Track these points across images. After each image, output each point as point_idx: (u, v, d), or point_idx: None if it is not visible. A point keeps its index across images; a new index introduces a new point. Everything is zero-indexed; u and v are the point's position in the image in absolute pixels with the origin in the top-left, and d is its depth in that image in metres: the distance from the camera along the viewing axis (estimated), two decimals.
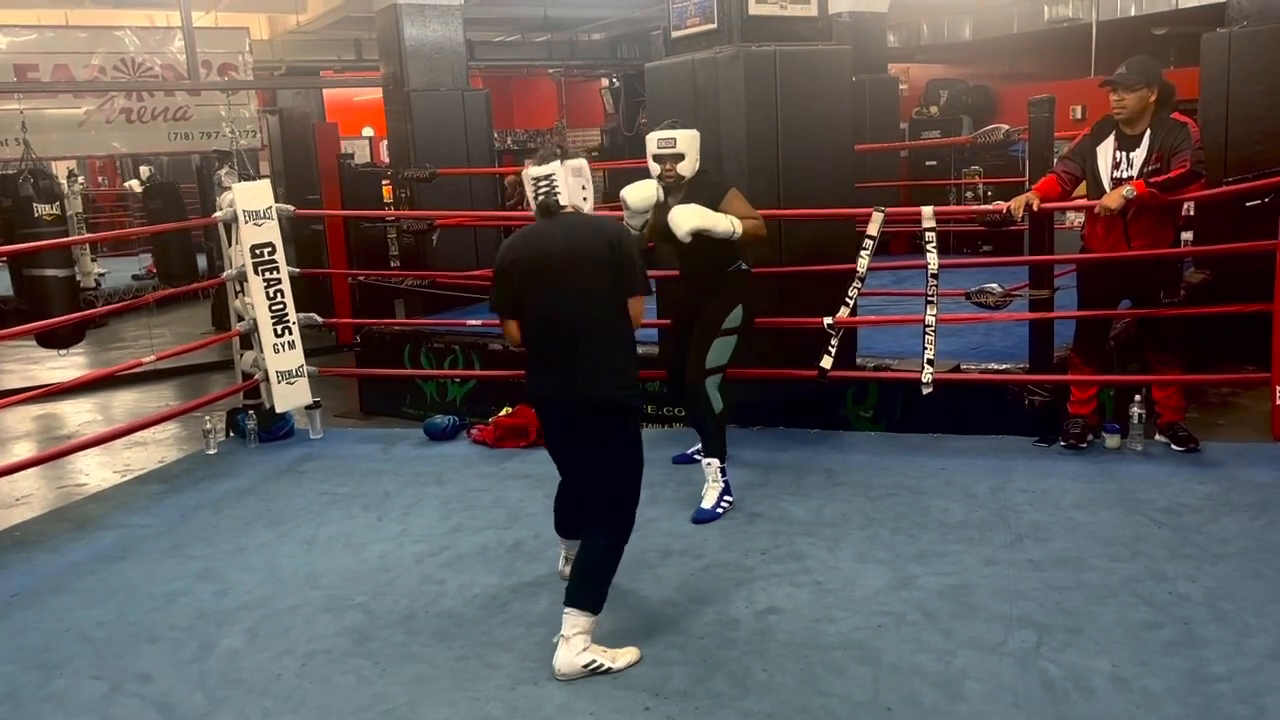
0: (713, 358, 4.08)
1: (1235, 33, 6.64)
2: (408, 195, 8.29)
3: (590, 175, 3.15)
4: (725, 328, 4.09)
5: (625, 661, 2.89)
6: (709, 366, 4.07)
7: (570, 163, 3.08)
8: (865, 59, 9.29)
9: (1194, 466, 4.19)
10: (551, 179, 3.05)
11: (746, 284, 4.19)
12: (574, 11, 11.99)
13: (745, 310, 4.13)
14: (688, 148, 4.14)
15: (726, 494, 4.04)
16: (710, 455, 4.06)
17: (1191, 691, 2.57)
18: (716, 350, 4.08)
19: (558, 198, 3.05)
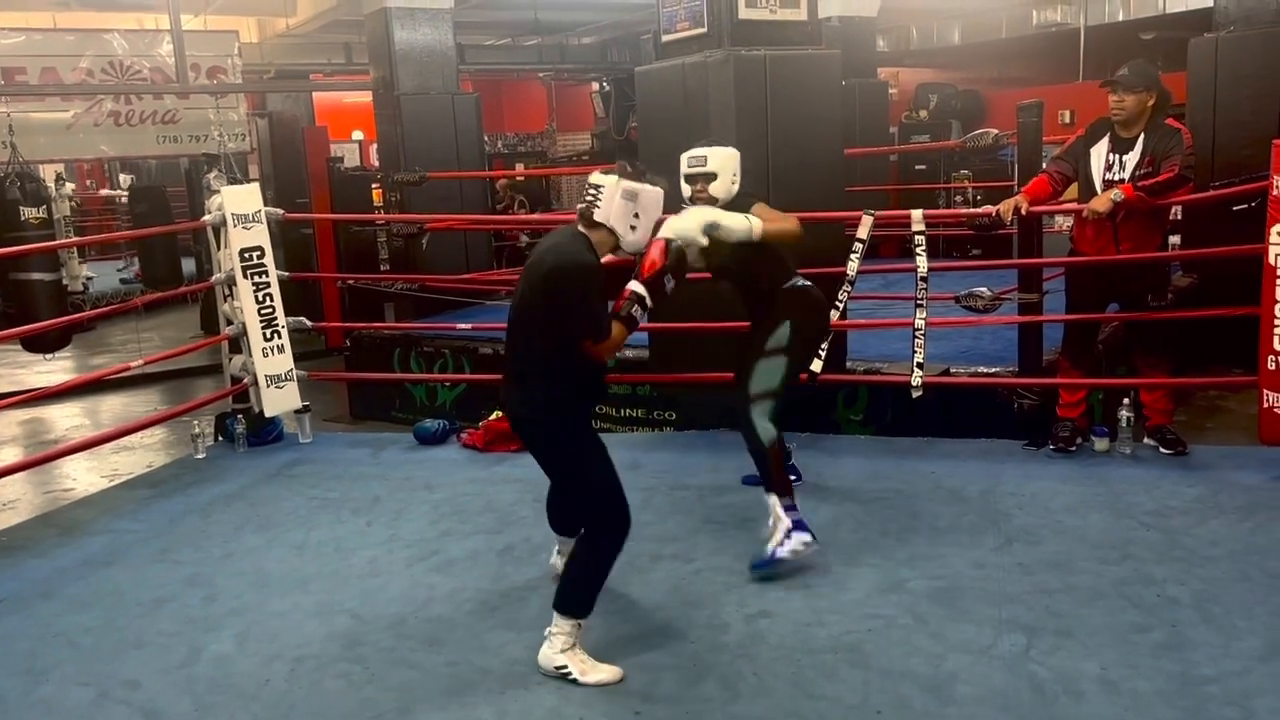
0: (758, 382, 3.63)
1: (1222, 38, 6.68)
2: (398, 199, 8.28)
3: (656, 209, 2.95)
4: (770, 348, 3.65)
5: (597, 679, 2.81)
6: (753, 392, 3.63)
7: (626, 184, 2.89)
8: (855, 63, 9.31)
9: (1182, 469, 4.21)
10: (599, 190, 2.90)
11: (799, 301, 3.73)
12: (564, 15, 11.99)
13: (794, 329, 3.65)
14: (720, 166, 3.71)
15: (798, 530, 3.47)
16: (769, 490, 3.58)
17: (1180, 694, 2.58)
18: (761, 374, 3.64)
19: (594, 211, 2.90)
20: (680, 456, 4.83)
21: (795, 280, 3.75)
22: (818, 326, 3.87)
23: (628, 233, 2.91)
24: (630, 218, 2.90)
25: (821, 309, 3.84)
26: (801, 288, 3.75)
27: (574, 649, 2.86)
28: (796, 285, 3.75)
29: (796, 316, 3.69)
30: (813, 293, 3.78)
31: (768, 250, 3.58)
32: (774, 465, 3.57)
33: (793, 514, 3.49)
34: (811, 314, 3.77)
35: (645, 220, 2.93)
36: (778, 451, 3.60)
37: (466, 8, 9.70)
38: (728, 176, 3.72)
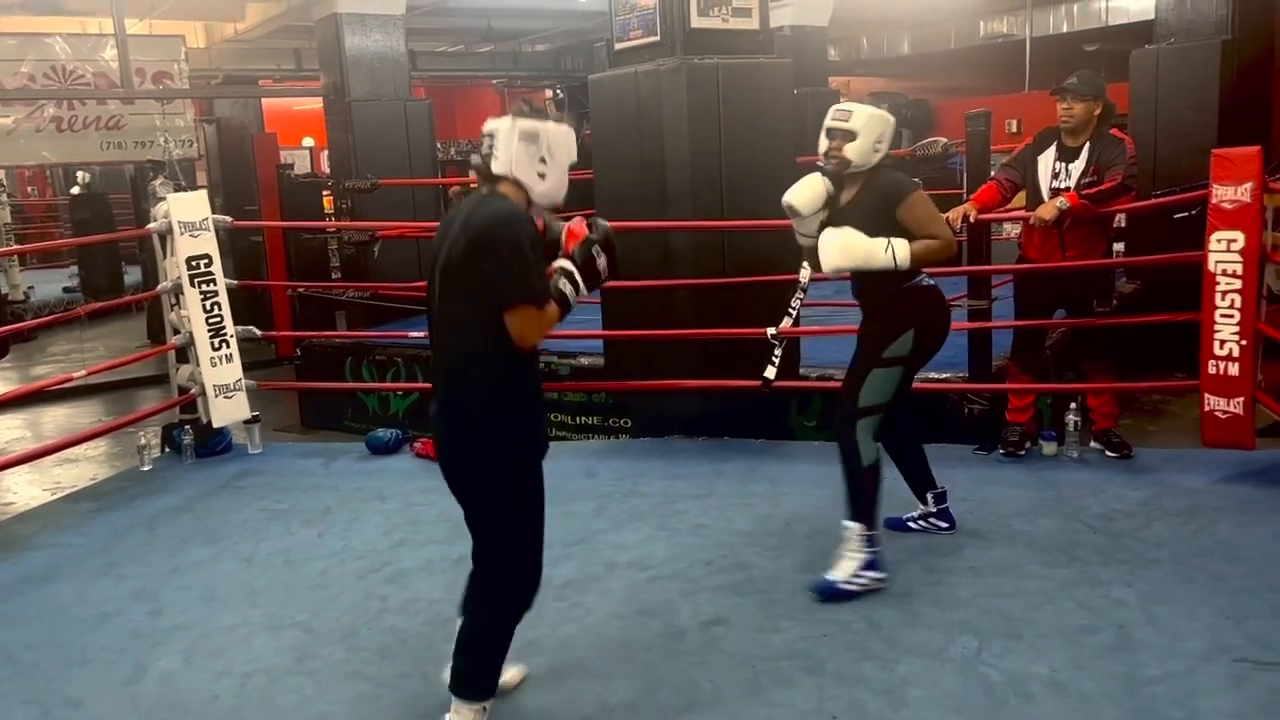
0: (868, 394, 3.30)
1: (1163, 50, 6.84)
2: (349, 206, 8.21)
3: (567, 150, 2.47)
4: (887, 357, 3.29)
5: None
6: (862, 405, 3.30)
7: (523, 123, 2.41)
8: (806, 72, 9.41)
9: (1128, 473, 4.29)
10: (493, 137, 2.43)
11: (924, 304, 3.36)
12: (517, 23, 11.98)
13: (917, 337, 3.29)
14: (863, 127, 3.26)
15: (870, 568, 3.24)
16: (853, 518, 3.30)
17: (1127, 694, 2.62)
18: (873, 385, 3.30)
19: (492, 163, 2.42)
20: (635, 464, 4.82)
21: (921, 277, 3.35)
22: (942, 332, 3.44)
23: (536, 182, 2.42)
24: (536, 163, 2.41)
25: (946, 312, 3.45)
26: (927, 286, 3.36)
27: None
28: (921, 284, 3.34)
29: (922, 322, 3.32)
30: (937, 293, 3.40)
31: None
32: (869, 490, 3.29)
33: (872, 549, 3.25)
34: (937, 318, 3.39)
35: (555, 165, 2.45)
36: (877, 475, 3.32)
37: (418, 14, 9.64)
38: (869, 140, 3.27)
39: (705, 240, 4.98)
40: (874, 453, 3.30)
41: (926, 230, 3.21)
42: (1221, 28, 6.57)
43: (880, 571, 3.27)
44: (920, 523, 3.74)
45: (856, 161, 3.28)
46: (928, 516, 3.73)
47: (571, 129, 2.53)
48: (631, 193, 5.08)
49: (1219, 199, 4.02)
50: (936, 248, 3.21)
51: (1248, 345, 4.03)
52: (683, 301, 5.02)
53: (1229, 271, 4.02)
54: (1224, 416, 4.12)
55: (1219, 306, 4.05)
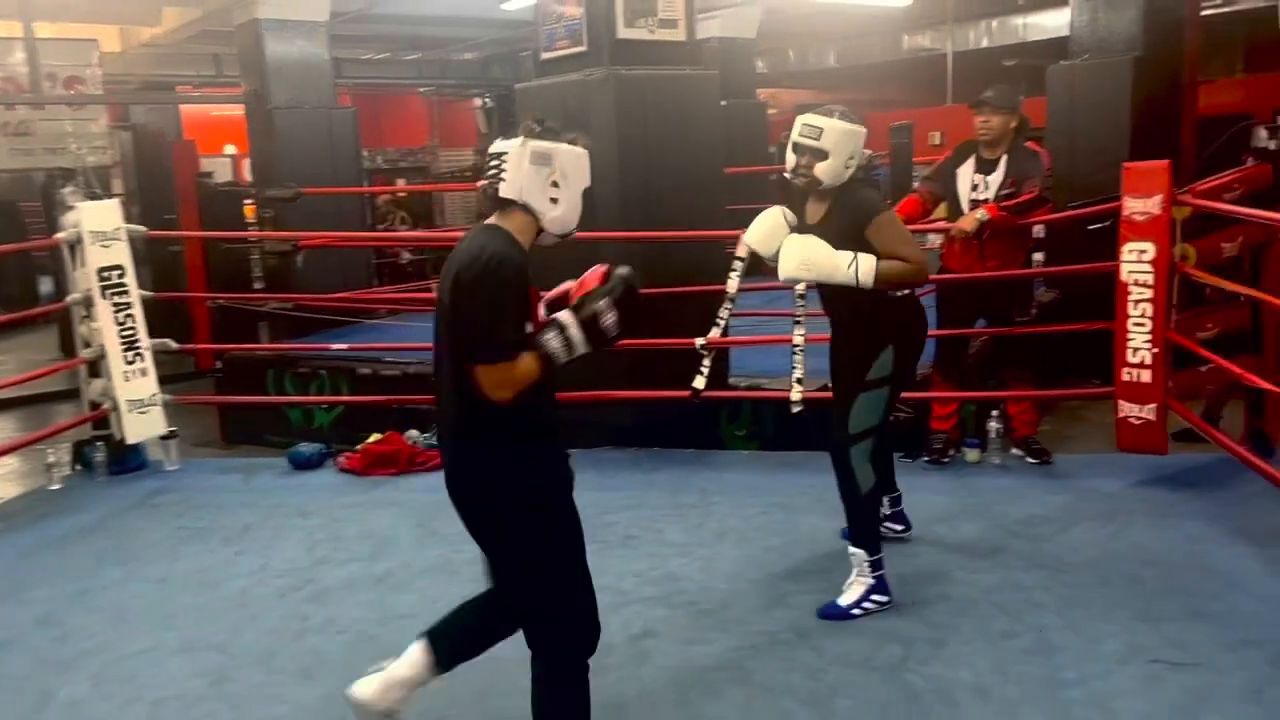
0: (858, 419, 3.20)
1: (1078, 65, 7.02)
2: (271, 215, 8.03)
3: (580, 173, 2.28)
4: (871, 379, 3.18)
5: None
6: (853, 431, 3.20)
7: (535, 144, 2.21)
8: (734, 84, 9.49)
9: (1047, 478, 4.38)
10: (502, 159, 2.23)
11: (900, 316, 3.25)
12: (444, 31, 11.87)
13: (897, 353, 3.18)
14: (835, 146, 3.08)
15: (876, 593, 3.19)
16: (856, 543, 3.25)
17: (1047, 698, 2.67)
18: (862, 409, 3.19)
19: (499, 186, 2.23)
20: None
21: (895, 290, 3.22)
22: (920, 342, 3.36)
23: (548, 207, 2.23)
24: (548, 187, 2.22)
25: (921, 319, 3.36)
26: (901, 298, 3.23)
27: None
28: (895, 296, 3.21)
29: (899, 337, 3.22)
30: (911, 301, 3.29)
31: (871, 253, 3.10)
32: (869, 515, 3.26)
33: (877, 572, 3.21)
34: (913, 329, 3.30)
35: (568, 190, 2.25)
36: (876, 500, 3.30)
37: (343, 21, 9.50)
38: (841, 159, 3.11)
39: (634, 251, 4.96)
40: (871, 478, 3.23)
41: (895, 251, 3.06)
42: (1133, 45, 6.77)
43: (885, 595, 3.21)
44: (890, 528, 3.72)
45: (827, 181, 3.13)
46: (884, 520, 3.69)
47: (585, 149, 2.32)
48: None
49: (1130, 211, 4.14)
50: (904, 270, 3.06)
51: (1159, 353, 4.14)
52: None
53: (1140, 281, 4.13)
54: (1137, 423, 4.22)
55: (1132, 315, 4.16)
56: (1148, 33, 6.75)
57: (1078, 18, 7.07)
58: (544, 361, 2.16)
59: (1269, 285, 4.40)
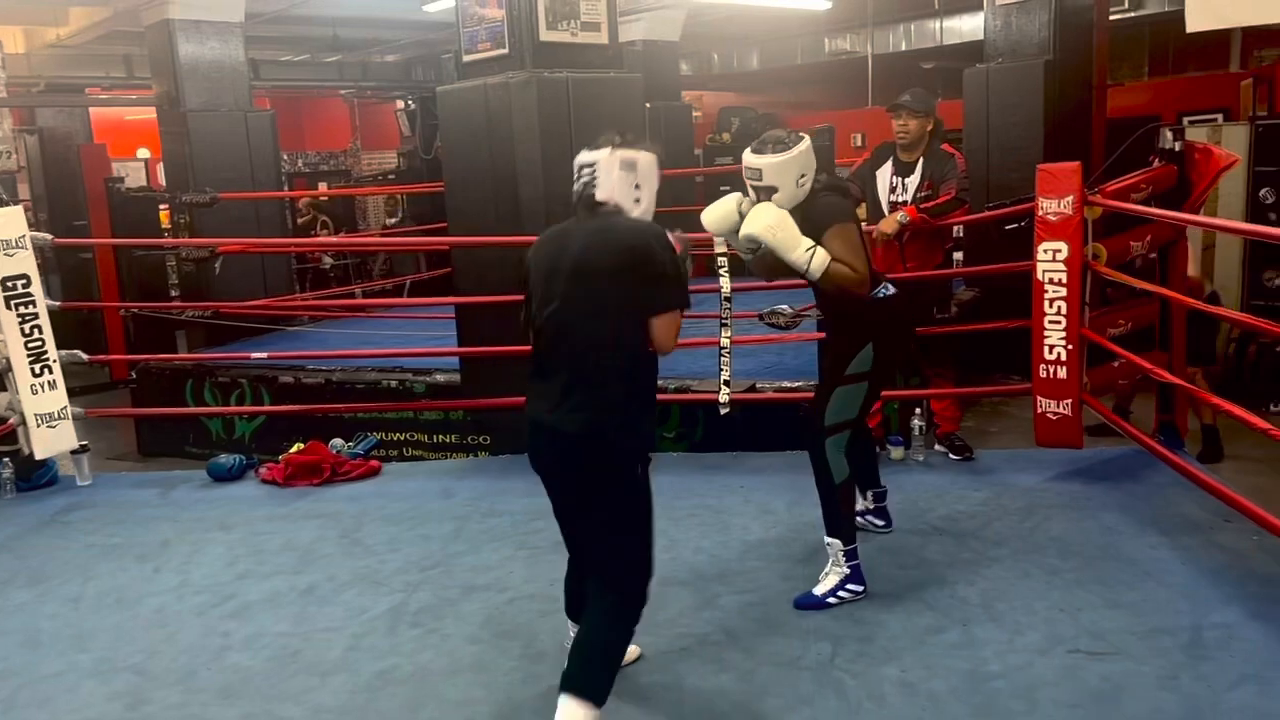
0: (834, 412, 3.28)
1: (992, 68, 7.19)
2: (187, 221, 7.83)
3: (654, 176, 2.67)
4: (850, 374, 3.28)
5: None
6: (828, 423, 3.28)
7: (623, 153, 2.61)
8: (659, 86, 9.51)
9: (970, 474, 4.46)
10: (594, 168, 2.61)
11: (884, 316, 3.35)
12: (365, 32, 11.69)
13: (876, 350, 3.28)
14: (778, 178, 3.19)
15: (851, 582, 3.26)
16: (831, 534, 3.30)
17: (972, 691, 2.71)
18: (838, 402, 3.29)
19: (594, 191, 2.61)
20: (494, 482, 4.74)
21: (882, 288, 3.36)
22: (902, 342, 3.51)
23: (633, 207, 2.64)
24: (632, 190, 2.64)
25: (904, 321, 3.51)
26: (885, 298, 3.35)
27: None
28: (879, 295, 3.33)
29: (880, 335, 3.31)
30: (896, 302, 3.38)
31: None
32: (843, 505, 3.30)
33: (852, 562, 3.27)
34: (895, 329, 3.41)
35: (647, 190, 2.66)
36: (849, 491, 3.33)
37: (260, 21, 9.30)
38: (789, 186, 3.21)
39: None
40: (845, 469, 3.29)
41: (842, 258, 3.17)
42: (1044, 49, 6.95)
43: (860, 585, 3.27)
44: (863, 520, 3.73)
45: (788, 205, 3.22)
46: (865, 514, 3.76)
47: (657, 155, 2.70)
48: (484, 206, 5.02)
49: (1044, 211, 4.24)
50: (849, 277, 3.18)
51: (1074, 349, 4.25)
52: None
53: (1055, 280, 4.24)
54: (1054, 417, 4.33)
55: (1047, 313, 4.27)
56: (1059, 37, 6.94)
57: (991, 22, 7.24)
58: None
59: (1175, 283, 4.55)
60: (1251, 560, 3.38)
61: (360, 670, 3.00)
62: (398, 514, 4.36)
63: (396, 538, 4.08)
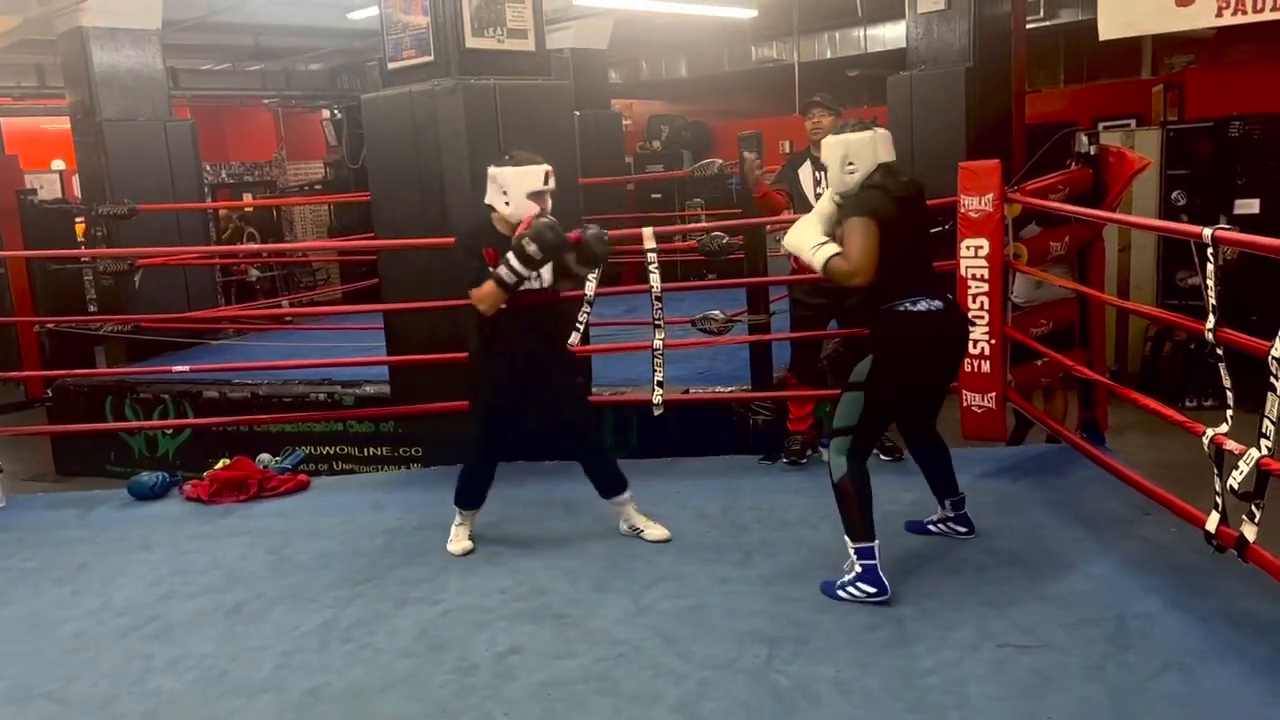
0: (839, 414, 3.35)
1: (915, 75, 7.32)
2: (104, 234, 7.61)
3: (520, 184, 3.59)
4: (851, 381, 3.35)
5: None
6: (835, 425, 3.36)
7: (490, 169, 3.63)
8: (587, 94, 9.52)
9: (900, 474, 4.51)
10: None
11: (893, 333, 3.31)
12: (287, 41, 11.49)
13: (875, 364, 3.28)
14: (829, 155, 3.40)
15: (864, 582, 3.23)
16: (845, 531, 3.32)
17: (905, 688, 2.74)
18: (841, 407, 3.35)
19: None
20: (426, 493, 4.68)
21: (900, 302, 3.28)
22: (910, 366, 3.34)
23: (503, 208, 3.61)
24: (500, 195, 3.61)
25: (920, 344, 3.32)
26: (904, 312, 3.27)
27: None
28: (897, 308, 3.28)
29: (884, 351, 3.30)
30: (915, 320, 3.27)
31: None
32: (846, 504, 3.28)
33: (866, 561, 3.23)
34: (904, 350, 3.30)
35: (513, 194, 3.59)
36: (849, 489, 3.27)
37: (178, 29, 9.08)
38: (835, 169, 3.35)
39: None
40: (843, 467, 3.27)
41: (845, 252, 3.23)
42: (964, 56, 7.10)
43: (874, 586, 3.20)
44: (939, 526, 3.76)
45: (838, 190, 3.36)
46: (945, 520, 3.75)
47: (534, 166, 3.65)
48: (411, 215, 4.96)
49: (966, 209, 4.33)
50: (838, 267, 3.25)
51: (996, 344, 4.35)
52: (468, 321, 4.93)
53: (978, 276, 4.33)
54: (979, 411, 4.43)
55: (971, 309, 4.35)
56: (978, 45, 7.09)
57: (913, 30, 7.37)
58: (498, 283, 3.54)
59: (1093, 282, 4.67)
60: (1171, 551, 3.47)
61: (290, 689, 2.93)
62: (328, 528, 4.28)
63: (327, 553, 4.00)
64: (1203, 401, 6.69)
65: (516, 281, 3.52)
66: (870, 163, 3.30)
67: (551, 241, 3.52)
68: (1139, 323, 7.38)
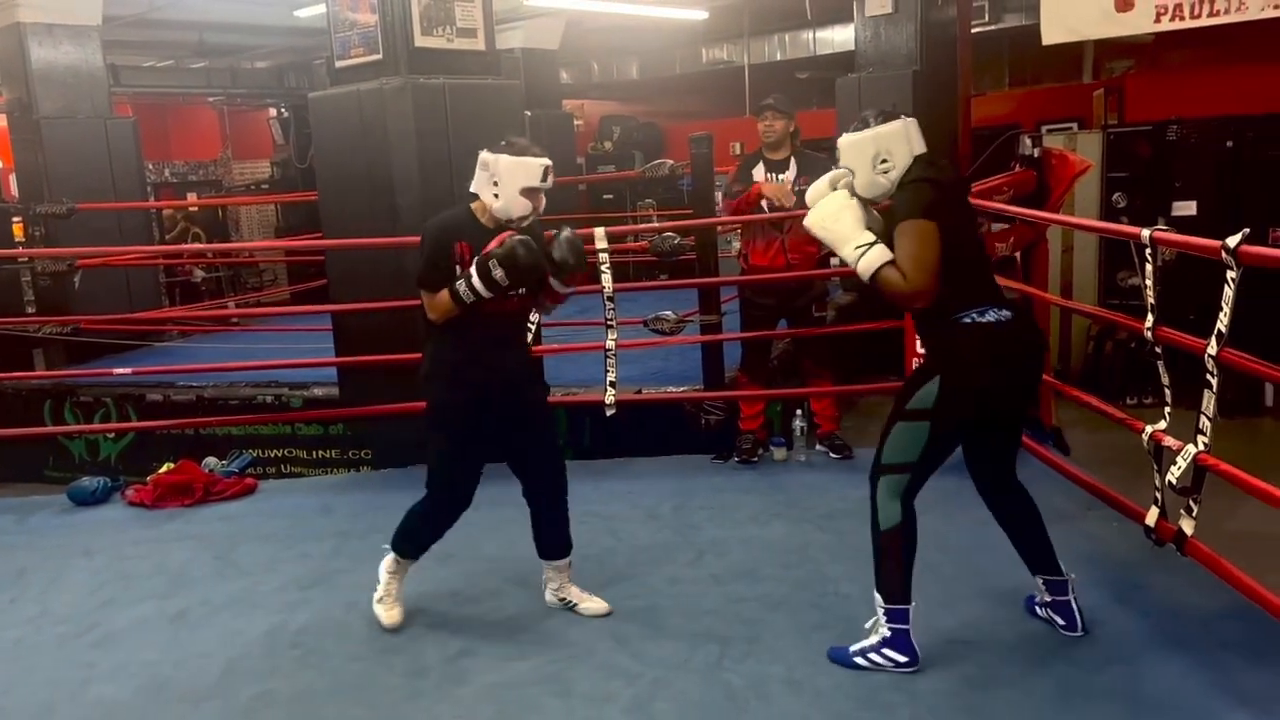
0: (890, 450, 2.78)
1: (863, 78, 7.39)
2: (43, 233, 7.44)
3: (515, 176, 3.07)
4: (910, 409, 2.75)
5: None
6: (884, 461, 2.80)
7: (483, 154, 3.12)
8: (539, 94, 9.49)
9: (849, 473, 4.56)
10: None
11: (960, 349, 2.72)
12: (233, 38, 11.30)
13: (943, 389, 2.69)
14: (852, 160, 2.83)
15: (891, 648, 2.78)
16: (877, 586, 2.83)
17: (856, 684, 2.76)
18: (897, 438, 2.77)
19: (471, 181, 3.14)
20: (376, 496, 4.63)
21: (966, 313, 2.71)
22: (982, 390, 2.74)
23: (492, 200, 3.11)
24: (490, 185, 3.10)
25: (993, 363, 2.72)
26: (971, 324, 2.70)
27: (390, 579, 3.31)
28: (964, 320, 2.71)
29: (952, 371, 2.71)
30: (985, 335, 2.69)
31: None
32: (890, 557, 2.79)
33: (898, 625, 2.78)
34: (975, 371, 2.71)
35: (505, 187, 3.08)
36: (897, 541, 2.79)
37: (120, 25, 8.89)
38: (865, 169, 2.80)
39: None
40: (896, 516, 2.78)
41: (900, 264, 2.65)
42: (912, 59, 7.19)
43: (904, 654, 2.77)
44: (1042, 610, 3.04)
45: (871, 195, 2.82)
46: (1044, 605, 3.02)
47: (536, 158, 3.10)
48: (360, 213, 4.91)
49: None
50: (897, 285, 2.65)
51: None
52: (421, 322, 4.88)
53: None
54: None
55: None
56: (925, 48, 7.18)
57: (862, 33, 7.45)
58: (453, 298, 3.06)
59: (1037, 283, 4.75)
60: (1113, 546, 3.55)
61: (236, 695, 2.89)
62: (275, 532, 4.22)
63: (274, 557, 3.95)
64: (1143, 399, 6.83)
65: (475, 301, 3.03)
66: (906, 155, 2.78)
67: (524, 264, 2.98)
68: (1081, 322, 7.52)
